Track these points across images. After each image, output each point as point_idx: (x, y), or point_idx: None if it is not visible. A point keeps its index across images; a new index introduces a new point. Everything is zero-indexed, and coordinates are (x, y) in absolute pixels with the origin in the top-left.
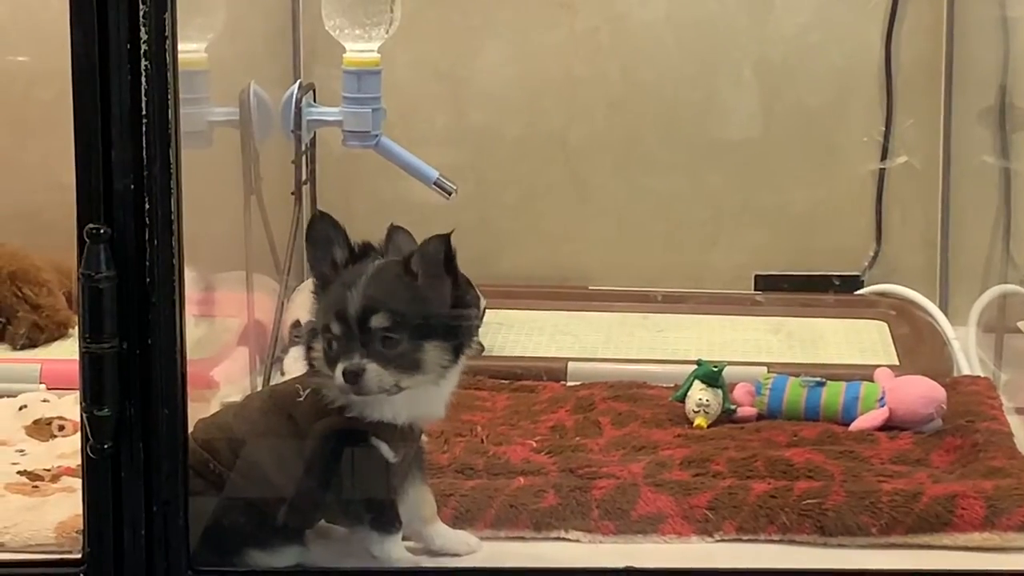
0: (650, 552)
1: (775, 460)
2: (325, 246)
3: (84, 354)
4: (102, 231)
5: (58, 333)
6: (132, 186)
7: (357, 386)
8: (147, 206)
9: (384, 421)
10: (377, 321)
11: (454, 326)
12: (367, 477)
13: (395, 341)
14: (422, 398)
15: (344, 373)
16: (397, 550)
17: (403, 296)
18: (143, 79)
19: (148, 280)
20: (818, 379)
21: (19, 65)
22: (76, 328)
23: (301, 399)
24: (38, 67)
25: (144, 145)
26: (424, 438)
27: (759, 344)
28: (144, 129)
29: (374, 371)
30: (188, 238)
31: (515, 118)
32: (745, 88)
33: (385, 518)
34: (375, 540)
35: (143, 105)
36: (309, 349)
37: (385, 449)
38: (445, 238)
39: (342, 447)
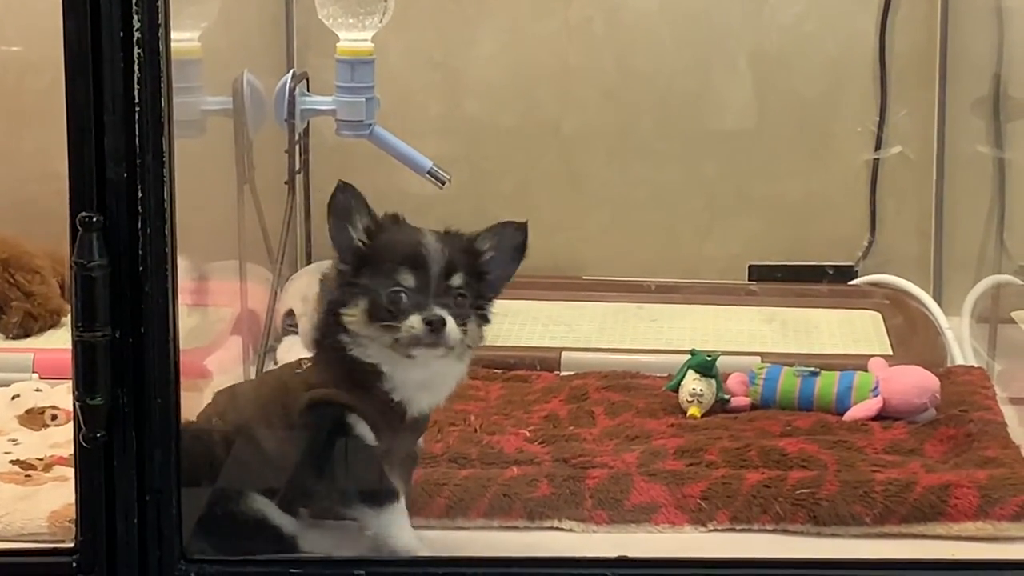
0: (643, 542)
1: (769, 450)
2: (347, 216)
3: (77, 343)
4: (95, 219)
5: (51, 321)
6: (125, 174)
7: (441, 335)
8: (140, 194)
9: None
10: (457, 280)
11: (489, 312)
12: (354, 453)
13: (465, 303)
14: (440, 377)
15: (428, 321)
16: (397, 527)
17: (472, 266)
18: (136, 67)
19: (141, 268)
20: (812, 369)
21: (12, 54)
22: (69, 317)
23: (300, 371)
24: (31, 56)
25: (137, 133)
26: (420, 443)
27: (753, 334)
28: (137, 117)
29: (452, 323)
30: (181, 227)
31: (509, 108)
32: (739, 78)
33: (377, 491)
34: (370, 516)
35: (136, 93)
36: (336, 315)
37: (363, 426)
38: (524, 226)
39: (327, 418)
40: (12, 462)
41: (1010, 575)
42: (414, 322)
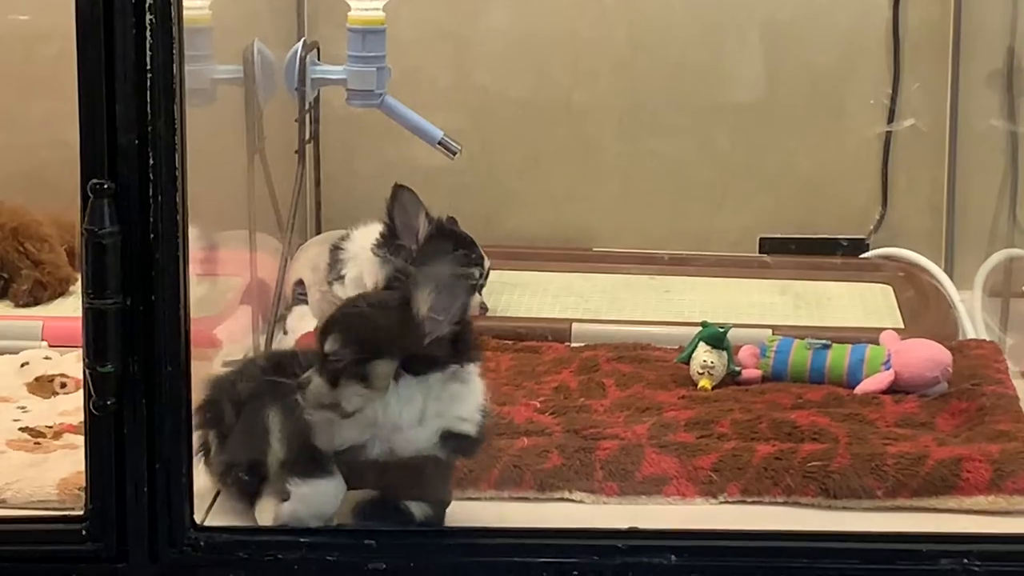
0: (654, 513)
1: (780, 422)
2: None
3: (87, 310)
4: (106, 186)
5: (60, 289)
6: (136, 141)
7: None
8: (151, 161)
9: None
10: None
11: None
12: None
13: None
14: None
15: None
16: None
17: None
18: (148, 34)
19: (152, 236)
20: (824, 341)
21: (19, 24)
22: (77, 285)
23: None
24: (38, 25)
25: (148, 100)
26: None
27: (764, 306)
28: (149, 84)
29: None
30: (191, 196)
31: (520, 79)
32: (752, 50)
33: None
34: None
35: (148, 60)
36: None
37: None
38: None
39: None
40: (21, 429)
41: (1022, 548)
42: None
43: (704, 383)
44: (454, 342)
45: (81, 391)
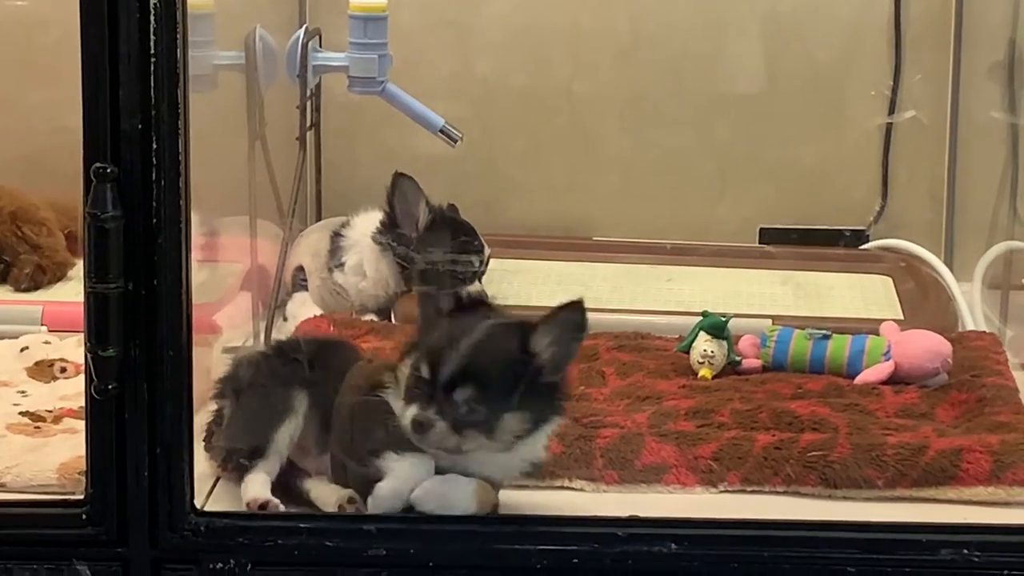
0: (654, 502)
1: (780, 412)
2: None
3: (89, 294)
4: (109, 170)
5: (59, 274)
6: (139, 126)
7: (423, 437)
8: (154, 146)
9: None
10: (462, 393)
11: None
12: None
13: (471, 413)
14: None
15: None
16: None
17: (520, 369)
18: (152, 18)
19: (155, 220)
20: (824, 332)
21: (19, 9)
22: (75, 269)
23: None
24: (38, 11)
25: (152, 85)
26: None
27: (764, 296)
28: (152, 69)
29: (442, 428)
30: (193, 182)
31: (521, 67)
32: (753, 41)
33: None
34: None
35: (152, 44)
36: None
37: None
38: (580, 304)
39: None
40: (21, 414)
41: (1022, 539)
42: (407, 414)
43: (704, 372)
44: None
45: (81, 376)
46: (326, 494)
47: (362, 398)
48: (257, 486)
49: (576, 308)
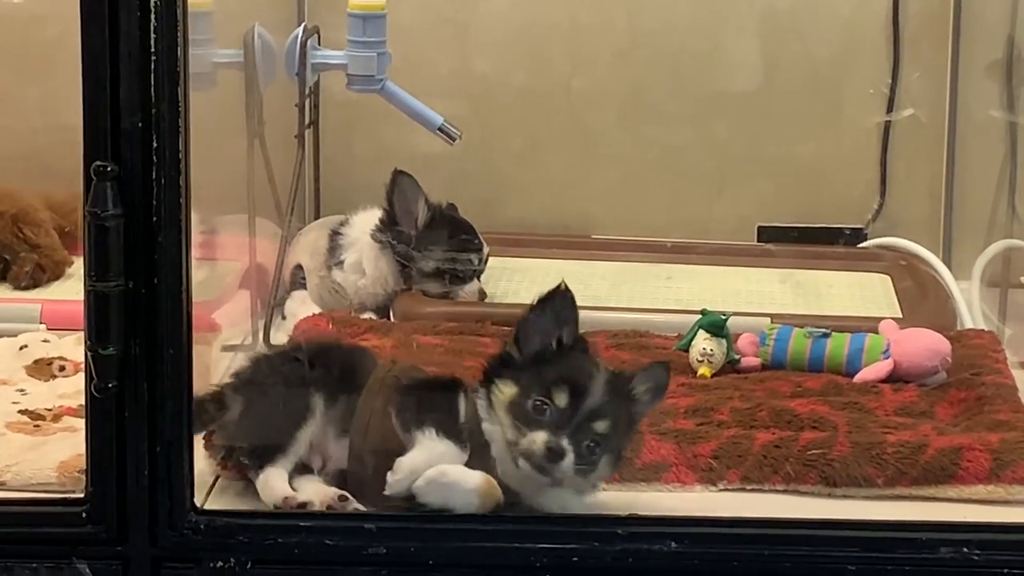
0: (654, 500)
1: (779, 410)
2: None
3: (89, 292)
4: (109, 168)
5: (58, 272)
6: (140, 124)
7: (554, 466)
8: (155, 144)
9: None
10: (602, 426)
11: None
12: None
13: (599, 449)
14: (539, 493)
15: (549, 447)
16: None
17: (621, 410)
18: (152, 16)
19: (155, 219)
20: (823, 330)
21: (15, 7)
22: (73, 268)
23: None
24: (34, 9)
25: (152, 83)
26: None
27: (763, 294)
28: (153, 67)
29: (570, 460)
30: (192, 180)
31: (520, 65)
32: (751, 38)
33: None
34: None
35: (152, 43)
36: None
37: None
38: (667, 366)
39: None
40: (21, 412)
41: (1021, 538)
42: (537, 439)
43: (704, 371)
44: None
45: (80, 374)
46: (313, 493)
47: (437, 377)
48: (282, 483)
49: (662, 368)
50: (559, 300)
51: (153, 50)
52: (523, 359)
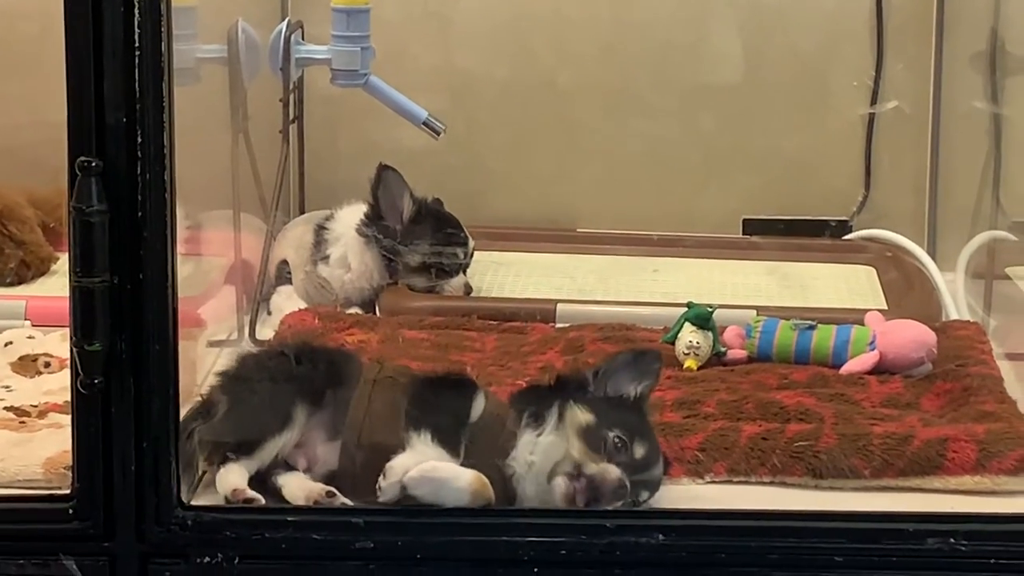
0: None
1: (766, 402)
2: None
3: (75, 288)
4: (94, 164)
5: (42, 269)
6: (124, 119)
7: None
8: (139, 140)
9: None
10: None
11: None
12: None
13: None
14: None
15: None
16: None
17: None
18: (136, 12)
19: (140, 214)
20: (809, 322)
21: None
22: (58, 264)
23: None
24: (17, 4)
25: (137, 78)
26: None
27: (749, 287)
28: (137, 62)
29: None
30: (177, 176)
31: (505, 59)
32: (736, 31)
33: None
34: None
35: (136, 38)
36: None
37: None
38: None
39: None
40: (6, 409)
41: (1008, 528)
42: (611, 471)
43: (690, 363)
44: None
45: (65, 370)
46: (296, 488)
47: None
48: (237, 477)
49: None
50: (650, 358)
51: (137, 45)
52: (598, 393)
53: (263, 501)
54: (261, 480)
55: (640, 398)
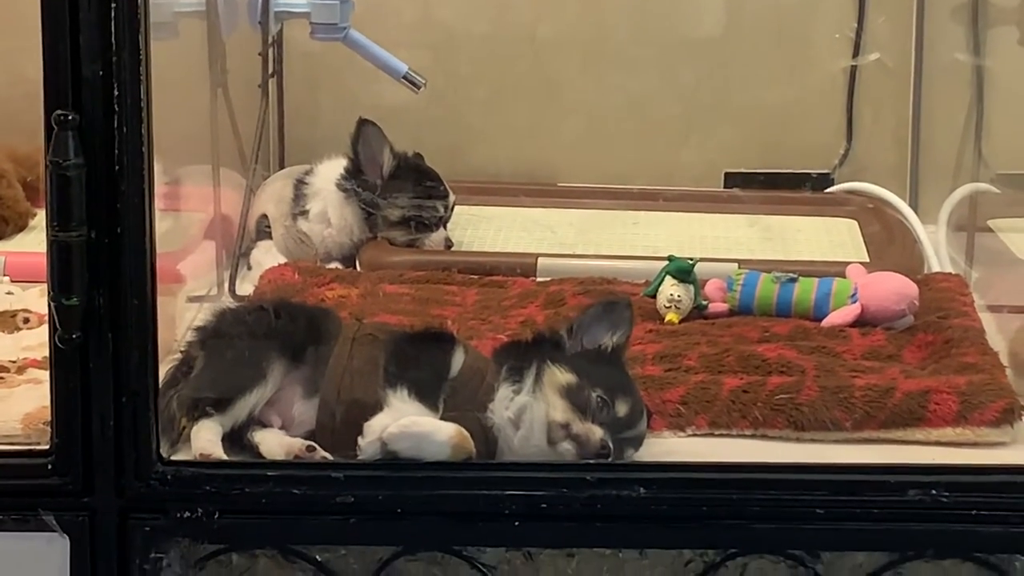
0: None
1: (747, 355)
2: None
3: (52, 242)
4: (70, 117)
5: (20, 224)
6: (101, 72)
7: (601, 454)
8: (116, 93)
9: None
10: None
11: None
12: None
13: None
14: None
15: (604, 444)
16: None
17: None
18: None
19: (117, 168)
20: (790, 275)
21: None
22: (36, 219)
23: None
24: None
25: (113, 31)
26: None
27: (730, 240)
28: (113, 14)
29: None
30: (155, 130)
31: (484, 13)
32: None
33: None
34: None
35: None
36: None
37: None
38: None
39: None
40: None
41: (989, 479)
42: (595, 432)
43: (671, 317)
44: None
45: (44, 326)
46: (275, 444)
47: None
48: (210, 436)
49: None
50: (621, 307)
51: None
52: (574, 349)
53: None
54: (238, 438)
55: (617, 350)
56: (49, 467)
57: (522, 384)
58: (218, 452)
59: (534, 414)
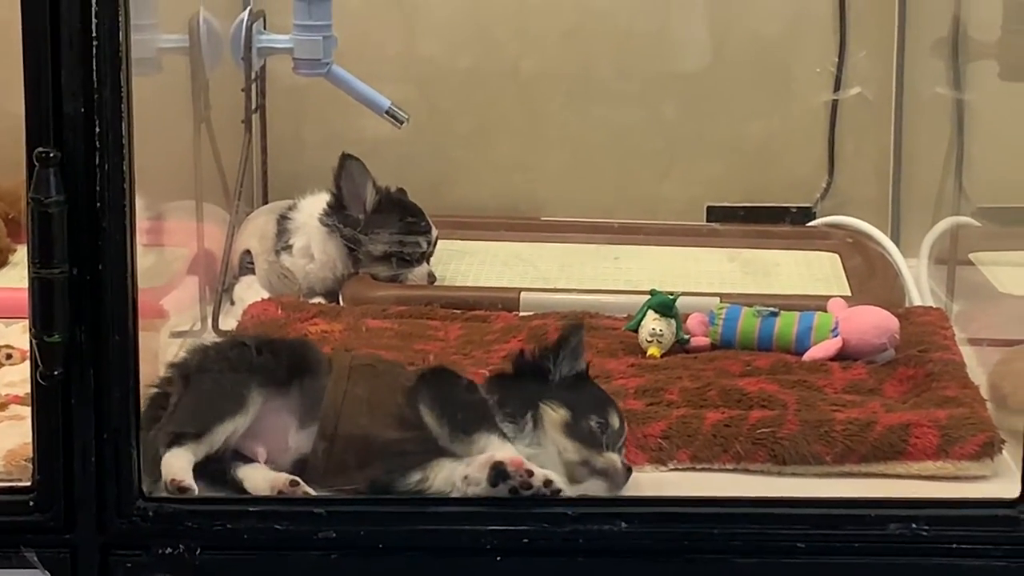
0: None
1: (729, 389)
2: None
3: (34, 279)
4: (52, 154)
5: (2, 260)
6: (82, 109)
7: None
8: (98, 130)
9: None
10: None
11: None
12: None
13: None
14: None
15: (628, 468)
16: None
17: None
18: (93, 0)
19: (99, 205)
20: (772, 309)
21: None
22: (17, 255)
23: None
24: None
25: (95, 68)
26: None
27: (712, 274)
28: (95, 51)
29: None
30: (137, 166)
31: (467, 47)
32: (699, 18)
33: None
34: None
35: (93, 27)
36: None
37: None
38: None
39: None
40: None
41: (970, 513)
42: (614, 459)
43: (653, 351)
44: None
45: (27, 362)
46: (259, 479)
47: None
48: (182, 464)
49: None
50: (580, 329)
51: (95, 35)
52: (554, 380)
53: (196, 491)
54: (220, 475)
55: (582, 373)
56: (31, 504)
57: (520, 430)
58: (188, 480)
59: (545, 461)
